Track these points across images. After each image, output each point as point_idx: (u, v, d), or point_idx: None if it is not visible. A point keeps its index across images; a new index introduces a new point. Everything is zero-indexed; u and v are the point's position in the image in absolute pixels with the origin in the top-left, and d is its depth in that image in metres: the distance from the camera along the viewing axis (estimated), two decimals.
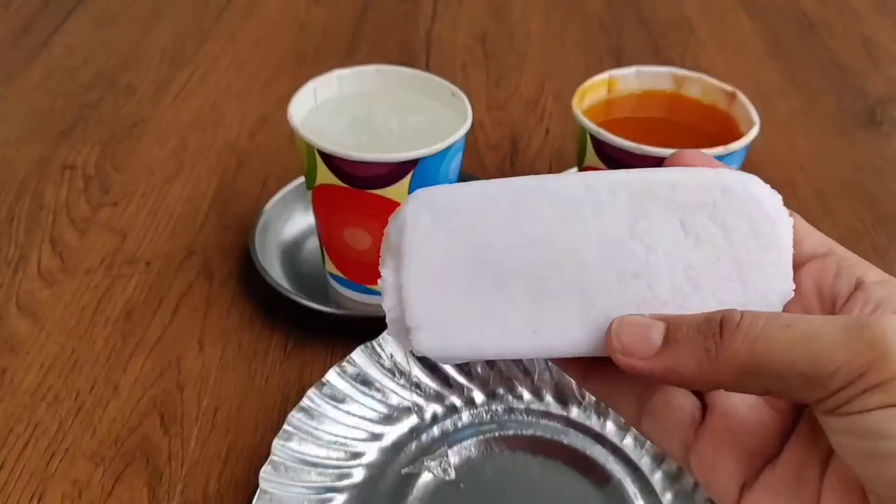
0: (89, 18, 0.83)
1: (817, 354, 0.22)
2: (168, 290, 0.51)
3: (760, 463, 0.25)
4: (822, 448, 0.24)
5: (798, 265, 0.27)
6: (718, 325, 0.24)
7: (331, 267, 0.49)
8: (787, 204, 0.27)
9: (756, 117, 0.45)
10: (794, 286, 0.26)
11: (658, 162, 0.42)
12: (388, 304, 0.27)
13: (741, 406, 0.26)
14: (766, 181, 0.27)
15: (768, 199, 0.26)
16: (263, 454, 0.39)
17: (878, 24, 0.86)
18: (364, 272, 0.48)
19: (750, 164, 0.59)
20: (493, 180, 0.28)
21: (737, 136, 0.44)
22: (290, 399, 0.44)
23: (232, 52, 0.79)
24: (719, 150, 0.42)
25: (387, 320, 0.27)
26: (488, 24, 0.85)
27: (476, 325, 0.26)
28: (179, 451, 0.42)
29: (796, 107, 0.72)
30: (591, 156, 0.46)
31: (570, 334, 0.26)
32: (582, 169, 0.48)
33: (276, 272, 0.50)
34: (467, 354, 0.27)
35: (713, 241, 0.26)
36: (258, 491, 0.37)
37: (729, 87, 0.47)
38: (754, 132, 0.44)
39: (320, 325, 0.48)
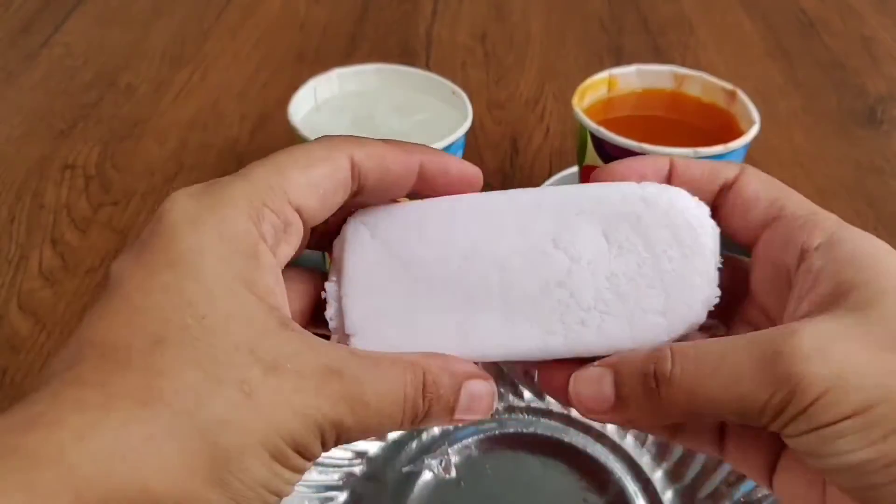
0: (89, 18, 0.83)
1: (743, 397, 0.23)
2: None
3: None
4: None
5: (752, 239, 0.28)
6: (654, 379, 0.25)
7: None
8: None
9: (756, 116, 0.45)
10: (718, 292, 0.27)
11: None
12: (329, 314, 0.28)
13: None
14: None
15: (692, 209, 0.28)
16: None
17: (878, 22, 0.86)
18: None
19: (750, 162, 0.59)
20: (428, 199, 0.30)
21: (737, 134, 0.44)
22: None
23: (232, 51, 0.79)
24: (719, 148, 0.42)
25: (329, 328, 0.28)
26: (488, 23, 0.85)
27: (409, 332, 0.28)
28: None
29: (796, 106, 0.72)
30: (591, 154, 0.46)
31: (499, 341, 0.28)
32: (583, 168, 0.48)
33: None
34: None
35: (635, 250, 0.28)
36: None
37: (729, 86, 0.47)
38: (754, 130, 0.44)
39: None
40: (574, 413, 0.43)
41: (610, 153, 0.44)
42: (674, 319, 0.27)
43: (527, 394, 0.44)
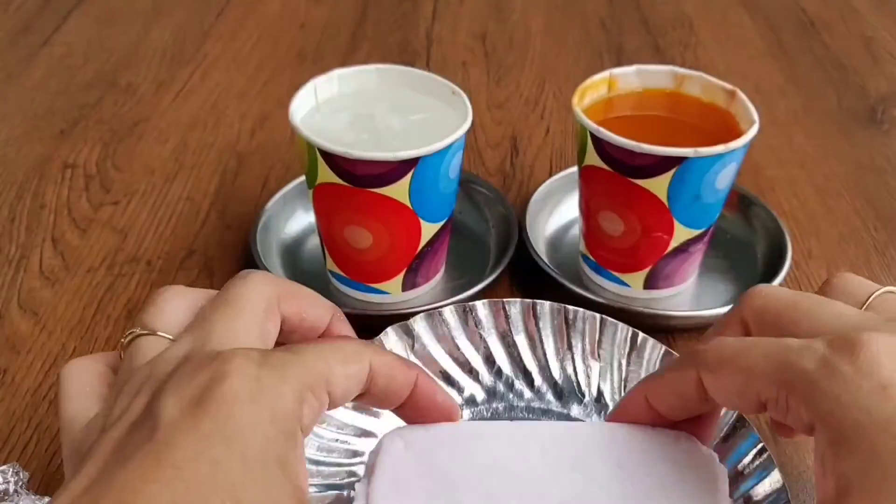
0: (90, 17, 0.83)
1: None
2: None
3: None
4: None
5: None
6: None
7: (332, 265, 0.49)
8: (788, 202, 0.27)
9: (756, 115, 0.45)
10: None
11: (658, 160, 0.43)
12: None
13: None
14: (767, 180, 0.27)
15: (701, 450, 0.32)
16: None
17: (879, 22, 0.86)
18: (364, 270, 0.48)
19: (750, 162, 0.60)
20: (460, 423, 0.34)
21: (737, 134, 0.44)
22: None
23: (232, 51, 0.79)
24: (720, 148, 0.42)
25: None
26: (489, 22, 0.85)
27: None
28: None
29: (797, 105, 0.72)
30: (591, 154, 0.46)
31: None
32: (582, 168, 0.48)
33: (276, 270, 0.50)
34: None
35: (647, 479, 0.31)
36: None
37: (729, 86, 0.47)
38: (754, 130, 0.44)
39: None
40: (574, 412, 0.43)
41: (610, 153, 0.44)
42: None
43: (527, 393, 0.44)
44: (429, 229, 0.46)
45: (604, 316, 0.44)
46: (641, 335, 0.43)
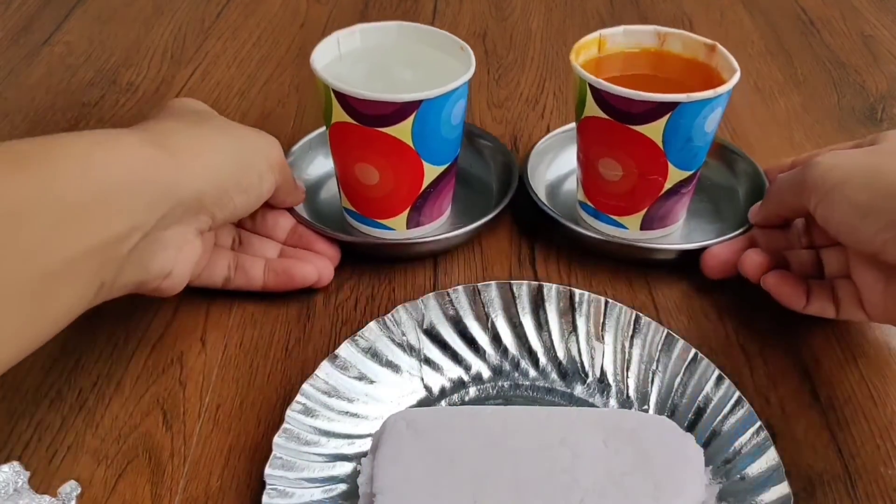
0: (90, 16, 0.83)
1: (799, 188, 0.45)
2: None
3: None
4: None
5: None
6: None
7: (345, 202, 0.54)
8: None
9: (736, 64, 0.49)
10: (707, 480, 0.37)
11: (654, 106, 0.46)
12: (361, 480, 0.36)
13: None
14: (767, 179, 0.27)
15: (677, 430, 0.37)
16: (265, 450, 0.40)
17: (878, 20, 0.86)
18: (372, 206, 0.52)
19: (754, 176, 0.60)
20: (459, 406, 0.41)
21: (718, 83, 0.48)
22: (291, 396, 0.44)
23: (233, 49, 0.79)
24: (709, 93, 0.46)
25: (359, 492, 0.36)
26: (489, 21, 0.85)
27: (429, 498, 0.34)
28: (182, 447, 0.42)
29: (796, 104, 0.72)
30: (590, 106, 0.49)
31: None
32: (581, 120, 0.51)
33: (298, 206, 0.54)
34: None
35: (629, 454, 0.36)
36: (270, 457, 0.38)
37: (709, 41, 0.52)
38: (737, 77, 0.48)
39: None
40: (577, 391, 0.44)
41: (609, 103, 0.48)
42: None
43: (532, 372, 0.45)
44: (431, 171, 0.50)
45: (608, 299, 0.45)
46: (644, 318, 0.45)
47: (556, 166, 0.60)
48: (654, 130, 0.47)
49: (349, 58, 0.52)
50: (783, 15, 0.87)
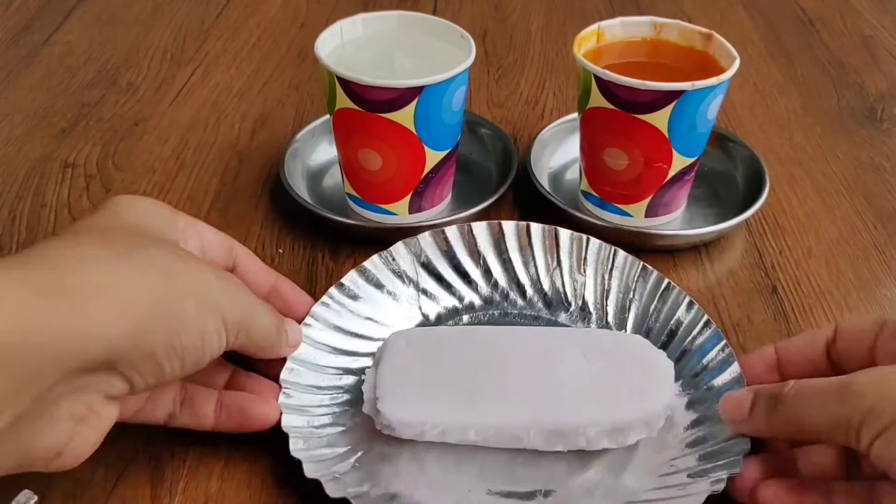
0: (90, 17, 0.83)
1: (826, 416, 0.33)
2: None
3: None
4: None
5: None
6: (775, 399, 0.35)
7: (349, 188, 0.55)
8: (787, 201, 0.27)
9: (735, 52, 0.50)
10: (677, 391, 0.41)
11: (660, 95, 0.47)
12: (366, 387, 0.40)
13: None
14: (767, 179, 0.27)
15: (650, 346, 0.42)
16: (265, 451, 0.40)
17: (878, 20, 0.86)
18: (375, 192, 0.53)
19: (751, 161, 0.60)
20: (454, 327, 0.46)
21: (715, 70, 0.49)
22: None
23: (233, 50, 0.79)
24: (712, 80, 0.47)
25: (364, 398, 0.39)
26: (488, 21, 0.85)
27: (425, 403, 0.38)
28: (181, 448, 0.42)
29: (796, 104, 0.72)
30: (595, 97, 0.50)
31: (499, 412, 0.38)
32: (586, 112, 0.52)
33: (302, 192, 0.56)
34: (416, 422, 0.38)
35: (606, 364, 0.40)
36: (284, 367, 0.41)
37: (705, 30, 0.53)
38: (736, 64, 0.49)
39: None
40: (561, 318, 0.48)
41: (615, 93, 0.49)
42: (637, 406, 0.38)
43: (519, 301, 0.49)
44: (433, 156, 0.51)
45: (588, 236, 0.49)
46: (621, 253, 0.48)
47: (557, 156, 0.62)
48: (659, 119, 0.48)
49: (352, 46, 0.53)
50: (783, 15, 0.87)
